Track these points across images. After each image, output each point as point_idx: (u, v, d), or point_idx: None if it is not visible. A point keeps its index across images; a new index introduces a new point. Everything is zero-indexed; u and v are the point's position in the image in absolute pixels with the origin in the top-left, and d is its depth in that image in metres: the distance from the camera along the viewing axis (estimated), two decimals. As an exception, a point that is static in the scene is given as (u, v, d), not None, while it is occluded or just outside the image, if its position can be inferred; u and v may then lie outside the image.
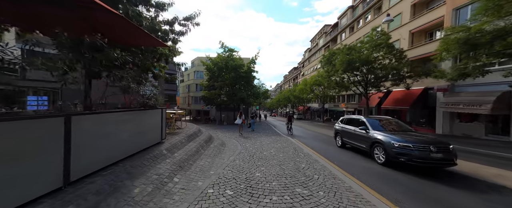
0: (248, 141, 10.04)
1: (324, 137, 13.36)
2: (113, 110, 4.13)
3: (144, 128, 4.69)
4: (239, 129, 13.47)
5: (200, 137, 7.58)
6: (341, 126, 9.09)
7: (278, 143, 9.56)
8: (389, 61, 17.11)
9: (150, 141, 4.93)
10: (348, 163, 6.23)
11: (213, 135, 11.52)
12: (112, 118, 3.76)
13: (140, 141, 4.53)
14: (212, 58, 24.09)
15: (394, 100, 19.23)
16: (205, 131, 9.41)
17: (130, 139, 4.14)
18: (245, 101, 23.95)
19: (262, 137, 12.10)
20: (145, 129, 4.72)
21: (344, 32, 30.50)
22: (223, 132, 14.92)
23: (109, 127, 3.59)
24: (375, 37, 17.46)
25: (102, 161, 3.36)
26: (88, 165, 3.07)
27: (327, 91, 29.74)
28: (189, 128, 8.51)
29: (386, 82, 18.29)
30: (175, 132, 7.20)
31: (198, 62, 29.25)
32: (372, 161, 6.27)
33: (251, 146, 8.65)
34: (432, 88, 16.40)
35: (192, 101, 34.72)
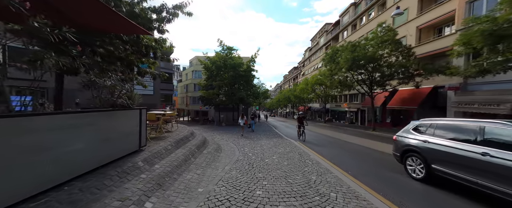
0: (247, 145, 8.99)
1: (329, 139, 12.32)
2: (59, 112, 3.06)
3: (113, 134, 3.63)
4: (241, 129, 13.85)
5: (192, 142, 6.52)
6: (424, 140, 4.67)
7: (280, 147, 8.51)
8: (396, 58, 16.10)
9: (123, 151, 3.88)
10: (367, 173, 5.20)
11: (209, 138, 10.48)
12: (59, 123, 2.71)
13: (107, 151, 3.47)
14: (210, 57, 23.06)
15: (401, 99, 18.21)
16: (199, 134, 8.36)
17: (89, 149, 3.09)
18: (245, 101, 22.90)
19: (263, 139, 11.05)
20: (114, 136, 3.66)
21: (346, 30, 29.50)
22: (221, 134, 13.86)
23: (53, 135, 2.55)
24: (380, 33, 16.46)
25: (33, 185, 2.31)
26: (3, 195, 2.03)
27: (329, 91, 28.73)
28: (180, 131, 7.45)
29: (392, 80, 17.26)
30: (162, 137, 6.14)
31: (196, 61, 28.22)
32: (401, 171, 5.23)
33: (250, 151, 7.60)
34: (442, 86, 15.38)
35: (190, 101, 33.65)
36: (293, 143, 9.87)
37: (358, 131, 18.14)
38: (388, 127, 20.75)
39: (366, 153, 8.08)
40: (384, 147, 9.18)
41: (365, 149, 8.86)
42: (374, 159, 6.98)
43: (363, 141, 11.33)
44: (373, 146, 9.51)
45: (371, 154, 7.88)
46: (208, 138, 9.66)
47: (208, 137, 11.01)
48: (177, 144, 5.64)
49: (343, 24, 30.27)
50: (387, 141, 11.68)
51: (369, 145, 9.99)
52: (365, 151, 8.51)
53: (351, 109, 27.84)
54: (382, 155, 7.55)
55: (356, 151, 8.43)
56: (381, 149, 8.67)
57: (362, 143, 10.53)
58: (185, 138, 6.50)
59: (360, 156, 7.53)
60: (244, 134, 13.45)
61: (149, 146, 4.87)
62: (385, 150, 8.48)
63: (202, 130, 15.75)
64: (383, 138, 12.90)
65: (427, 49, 16.55)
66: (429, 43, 16.77)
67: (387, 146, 9.39)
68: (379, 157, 7.26)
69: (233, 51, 23.01)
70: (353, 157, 7.31)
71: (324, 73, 21.74)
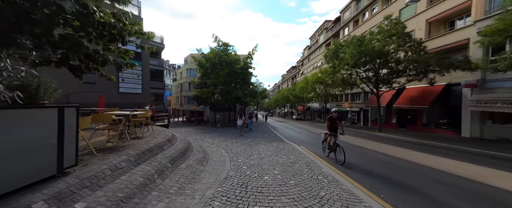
0: (242, 153, 7.31)
1: (343, 144, 10.69)
2: None
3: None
4: (240, 129, 13.92)
5: (166, 152, 4.82)
6: None
7: (282, 155, 6.86)
8: (405, 53, 14.60)
9: (15, 180, 2.18)
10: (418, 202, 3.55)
11: (197, 142, 8.77)
12: None
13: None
14: (205, 54, 21.33)
15: (409, 98, 16.73)
16: (182, 140, 6.64)
17: None
18: (241, 100, 21.20)
19: (261, 144, 9.38)
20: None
21: (347, 27, 28.03)
22: (213, 137, 12.16)
23: None
24: (387, 26, 14.94)
25: None
26: None
27: (329, 90, 27.22)
28: (155, 137, 5.74)
29: (401, 78, 15.77)
30: (125, 146, 4.43)
31: (191, 59, 26.41)
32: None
33: (245, 161, 5.93)
34: (456, 84, 13.92)
35: (185, 101, 31.83)
36: (296, 149, 8.23)
37: (363, 132, 16.59)
38: (394, 127, 19.29)
39: (392, 163, 6.48)
40: (408, 155, 7.58)
41: (385, 157, 7.26)
42: (412, 174, 5.35)
43: (376, 146, 9.74)
44: (391, 152, 7.91)
45: (399, 165, 6.28)
46: (196, 143, 7.96)
47: (197, 141, 9.32)
48: (139, 157, 3.93)
49: (344, 20, 28.79)
50: (401, 144, 10.11)
51: (386, 150, 8.39)
52: (386, 159, 6.91)
53: (353, 108, 26.35)
54: (419, 169, 5.94)
55: (377, 160, 6.82)
56: (406, 157, 7.07)
57: (376, 148, 8.92)
58: (157, 147, 4.79)
59: (388, 168, 5.91)
60: (243, 133, 13.65)
61: (86, 164, 3.16)
62: (410, 158, 6.89)
63: (192, 133, 14.02)
64: (396, 142, 11.32)
65: (438, 44, 15.09)
66: (439, 37, 15.32)
67: (409, 154, 7.80)
68: (416, 171, 5.65)
69: (229, 48, 21.33)
70: (378, 168, 5.69)
71: (326, 71, 20.17)
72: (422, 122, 16.96)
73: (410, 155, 7.51)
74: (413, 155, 7.68)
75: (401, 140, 12.13)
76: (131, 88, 17.99)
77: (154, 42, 20.63)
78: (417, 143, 11.07)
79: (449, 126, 14.80)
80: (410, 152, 8.26)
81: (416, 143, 10.89)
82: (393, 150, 8.65)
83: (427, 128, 16.38)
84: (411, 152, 8.17)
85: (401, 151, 8.47)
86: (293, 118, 42.33)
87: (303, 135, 14.07)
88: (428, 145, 10.13)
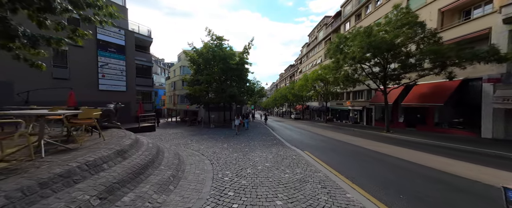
0: (232, 164, 5.56)
1: (347, 147, 9.01)
2: None
3: None
4: (237, 129, 13.76)
5: (104, 174, 3.01)
6: None
7: (284, 168, 5.11)
8: (417, 45, 13.02)
9: None
10: None
11: (175, 150, 6.98)
12: None
13: None
14: (198, 49, 19.46)
15: (419, 95, 15.17)
16: (146, 150, 4.81)
17: None
18: (237, 98, 19.41)
19: (257, 149, 7.62)
20: None
21: (349, 21, 26.44)
22: (201, 140, 10.36)
23: None
24: (397, 16, 13.35)
25: None
26: None
27: (330, 87, 25.61)
28: (99, 147, 3.92)
29: (411, 73, 14.20)
30: (27, 167, 2.62)
31: (184, 56, 24.50)
32: None
33: (233, 180, 4.18)
34: (475, 79, 12.40)
35: (178, 100, 29.87)
36: (301, 156, 6.50)
37: (370, 133, 14.98)
38: (401, 127, 17.74)
39: (430, 177, 4.79)
40: (444, 164, 5.91)
41: (415, 167, 5.57)
42: (473, 198, 3.65)
43: (393, 150, 8.07)
44: (419, 160, 6.24)
45: (444, 180, 4.59)
46: (172, 152, 6.16)
47: (178, 148, 7.53)
48: (40, 188, 2.14)
49: (345, 15, 27.20)
50: (420, 147, 8.38)
51: (409, 157, 6.72)
52: (420, 171, 5.22)
53: (355, 107, 24.79)
54: (477, 188, 4.26)
55: (409, 172, 5.12)
56: (444, 168, 5.40)
57: (396, 153, 7.25)
58: (90, 165, 2.99)
59: (432, 186, 4.21)
60: (239, 133, 13.53)
61: None
62: (451, 170, 5.21)
63: (178, 135, 12.20)
64: (412, 144, 9.66)
65: (452, 35, 13.52)
66: (454, 28, 13.77)
67: (444, 162, 6.12)
68: (475, 191, 3.96)
69: (223, 42, 19.48)
70: (417, 185, 3.99)
71: (328, 66, 18.51)
72: (434, 121, 15.43)
73: (448, 165, 5.84)
74: (450, 164, 6.01)
75: (416, 142, 10.50)
76: (113, 85, 16.04)
77: (141, 35, 18.70)
78: (436, 145, 9.45)
79: (466, 125, 13.26)
80: (441, 159, 6.59)
81: (436, 146, 9.26)
82: (418, 156, 6.97)
83: (439, 128, 14.85)
84: (443, 160, 6.51)
85: (429, 158, 6.80)
86: (292, 117, 40.72)
87: (305, 137, 12.37)
88: (453, 149, 8.50)
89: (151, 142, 5.66)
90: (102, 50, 15.37)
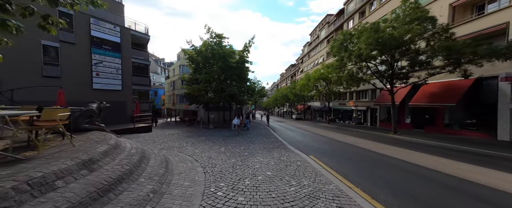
0: (228, 172, 4.81)
1: (361, 152, 8.22)
2: None
3: None
4: (237, 128, 13.95)
5: (52, 197, 2.26)
6: None
7: (290, 178, 4.33)
8: (427, 42, 12.22)
9: None
10: None
11: (167, 154, 6.23)
12: None
13: None
14: (197, 47, 18.71)
15: (428, 95, 14.35)
16: (125, 158, 4.07)
17: None
18: (236, 98, 18.66)
19: (257, 153, 6.85)
20: None
21: (352, 19, 25.62)
22: (198, 142, 9.61)
23: None
24: (406, 11, 12.55)
25: None
26: None
27: (333, 87, 24.80)
28: (62, 156, 3.18)
29: (421, 71, 13.40)
30: None
31: (183, 55, 23.78)
32: None
33: (227, 196, 3.43)
34: (491, 77, 11.57)
35: (177, 100, 29.16)
36: (307, 163, 5.73)
37: (376, 134, 14.17)
38: (407, 128, 16.92)
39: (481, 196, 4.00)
40: (477, 174, 5.11)
41: (450, 180, 4.79)
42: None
43: (408, 155, 7.27)
44: (440, 168, 5.44)
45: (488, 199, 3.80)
46: (162, 157, 5.42)
47: (170, 152, 6.77)
48: None
49: (349, 12, 26.38)
50: (438, 152, 7.36)
51: (429, 164, 5.92)
52: (457, 186, 4.43)
53: (359, 107, 23.96)
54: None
55: (440, 186, 4.34)
56: (468, 176, 4.60)
57: (412, 159, 6.45)
58: (35, 184, 2.25)
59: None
60: (239, 132, 13.68)
61: None
62: (473, 177, 4.40)
63: (174, 137, 11.47)
64: (426, 148, 8.81)
65: (465, 31, 12.70)
66: (467, 24, 12.95)
67: (460, 168, 5.30)
68: None
69: (223, 40, 18.72)
70: (455, 203, 3.22)
71: (332, 65, 17.72)
72: (444, 122, 14.59)
73: (481, 175, 5.04)
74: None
75: (428, 145, 9.68)
76: (108, 84, 15.33)
77: (138, 33, 18.00)
78: (452, 149, 8.61)
79: (479, 127, 12.43)
80: (465, 166, 5.79)
81: (453, 150, 8.42)
82: (436, 162, 6.17)
83: (450, 129, 14.02)
84: (469, 167, 5.70)
85: (451, 165, 5.99)
86: (293, 117, 39.93)
87: (309, 139, 11.59)
88: (471, 153, 7.66)
89: (136, 146, 4.92)
90: (96, 47, 14.67)
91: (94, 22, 14.44)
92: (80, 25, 13.85)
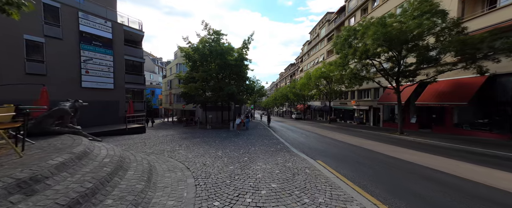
0: (225, 183, 3.96)
1: (372, 156, 7.40)
2: None
3: None
4: (237, 128, 14.27)
5: None
6: None
7: (299, 192, 3.47)
8: (436, 37, 11.45)
9: None
10: None
11: (158, 157, 5.35)
12: None
13: None
14: (192, 43, 17.81)
15: (436, 93, 13.59)
16: (96, 167, 3.19)
17: None
18: (235, 97, 17.79)
19: (259, 158, 6.00)
20: None
21: (354, 16, 24.86)
22: (193, 145, 8.74)
23: None
24: (413, 5, 11.76)
25: None
26: None
27: (334, 86, 24.01)
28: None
29: (429, 68, 12.65)
30: None
31: (180, 53, 22.85)
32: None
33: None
34: (505, 74, 10.81)
35: (174, 99, 28.21)
36: (317, 170, 4.89)
37: (382, 135, 13.40)
38: (413, 128, 16.18)
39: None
40: (494, 179, 4.30)
41: (492, 193, 3.97)
42: None
43: (433, 161, 6.48)
44: (470, 176, 4.63)
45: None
46: (158, 161, 4.56)
47: (163, 155, 5.88)
48: None
49: (350, 9, 25.61)
50: (452, 154, 6.47)
51: (454, 170, 5.11)
52: (502, 200, 3.63)
53: (361, 107, 23.21)
54: None
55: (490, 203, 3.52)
56: (505, 186, 3.80)
57: (437, 166, 5.64)
58: None
59: None
60: (240, 132, 13.90)
61: None
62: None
63: (167, 139, 10.56)
64: (439, 150, 7.99)
65: (476, 26, 11.96)
66: (478, 18, 12.20)
67: (492, 175, 4.49)
68: None
69: (221, 37, 17.82)
70: None
71: (335, 62, 16.90)
72: (453, 122, 13.86)
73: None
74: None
75: (441, 147, 8.88)
76: (99, 82, 14.38)
77: (131, 28, 17.04)
78: (469, 151, 7.81)
79: (493, 127, 11.69)
80: (496, 173, 4.99)
81: (470, 152, 7.61)
82: (461, 168, 5.36)
83: (459, 129, 13.27)
84: (501, 175, 4.90)
85: (480, 172, 5.19)
86: (292, 117, 39.15)
87: (312, 140, 10.77)
88: (492, 156, 6.88)
89: (113, 154, 4.04)
90: (86, 43, 13.71)
91: (83, 16, 13.47)
92: (67, 19, 12.88)
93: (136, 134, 12.93)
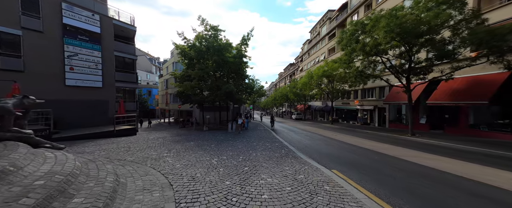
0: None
1: (397, 162, 6.25)
2: None
3: None
4: (237, 128, 13.95)
5: None
6: None
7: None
8: (453, 30, 10.39)
9: None
10: None
11: (136, 169, 4.14)
12: None
13: None
14: (188, 39, 16.58)
15: (450, 92, 12.51)
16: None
17: None
18: (233, 96, 16.59)
19: (262, 166, 4.81)
20: None
21: (357, 13, 23.82)
22: (185, 150, 7.53)
23: None
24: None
25: None
26: None
27: (337, 85, 22.92)
28: None
29: (445, 64, 11.59)
30: None
31: (176, 51, 21.59)
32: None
33: None
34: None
35: (170, 99, 26.94)
36: (338, 186, 3.70)
37: (392, 137, 12.28)
38: (422, 129, 15.10)
39: None
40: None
41: None
42: None
43: (472, 170, 5.34)
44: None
45: None
46: (135, 174, 3.37)
47: (144, 164, 4.62)
48: None
49: (353, 6, 24.59)
50: (482, 160, 5.55)
51: (502, 183, 4.01)
52: None
53: (365, 107, 22.12)
54: None
55: None
56: None
57: (484, 179, 4.52)
58: None
59: None
60: (241, 132, 13.57)
61: None
62: None
63: (157, 143, 9.29)
64: (464, 154, 6.84)
65: (495, 19, 10.93)
66: (497, 10, 11.18)
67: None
68: None
69: (219, 33, 16.61)
70: None
71: (340, 59, 15.81)
72: (468, 122, 12.79)
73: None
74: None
75: (464, 151, 7.74)
76: (85, 80, 13.11)
77: (122, 23, 15.79)
78: (498, 156, 6.69)
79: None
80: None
81: (498, 157, 6.49)
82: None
83: (476, 130, 12.21)
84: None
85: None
86: (293, 118, 38.02)
87: (319, 143, 9.59)
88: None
89: (57, 171, 2.82)
90: (70, 37, 12.45)
91: (67, 7, 12.22)
92: (49, 10, 11.62)
93: (125, 136, 11.68)
